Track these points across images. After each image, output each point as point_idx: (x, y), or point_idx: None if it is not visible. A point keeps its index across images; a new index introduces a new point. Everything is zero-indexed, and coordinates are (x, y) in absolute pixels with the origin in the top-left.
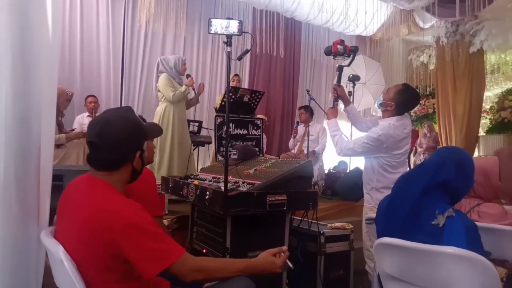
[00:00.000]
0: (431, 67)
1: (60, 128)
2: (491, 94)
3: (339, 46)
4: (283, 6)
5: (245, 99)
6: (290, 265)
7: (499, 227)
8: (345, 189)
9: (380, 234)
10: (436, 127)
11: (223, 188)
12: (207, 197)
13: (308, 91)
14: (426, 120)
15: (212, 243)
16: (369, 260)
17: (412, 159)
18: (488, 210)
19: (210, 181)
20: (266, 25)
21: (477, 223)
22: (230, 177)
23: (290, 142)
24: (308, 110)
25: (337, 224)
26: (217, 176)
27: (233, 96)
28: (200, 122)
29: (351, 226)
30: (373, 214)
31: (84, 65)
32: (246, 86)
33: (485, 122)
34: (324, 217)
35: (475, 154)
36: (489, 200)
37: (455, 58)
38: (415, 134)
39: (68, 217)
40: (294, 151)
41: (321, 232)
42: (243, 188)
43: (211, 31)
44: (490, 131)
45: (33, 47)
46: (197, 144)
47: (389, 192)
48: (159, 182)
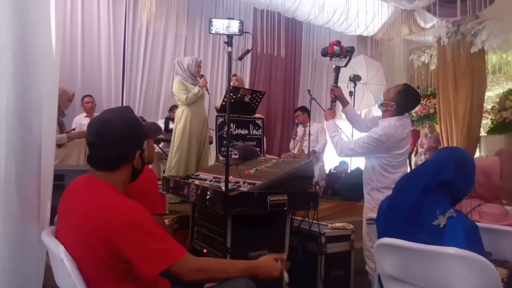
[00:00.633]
0: (432, 67)
1: (61, 128)
2: (492, 94)
3: (335, 47)
4: (284, 6)
5: (246, 99)
6: (286, 279)
7: (500, 227)
8: (346, 189)
9: (380, 235)
10: (437, 127)
11: (223, 188)
12: (208, 197)
13: (309, 91)
14: (427, 120)
15: (212, 243)
16: (369, 260)
17: (413, 159)
18: (489, 210)
19: (211, 181)
20: (267, 25)
21: (478, 224)
22: (231, 177)
23: (291, 144)
24: (304, 110)
25: (338, 224)
26: (218, 176)
27: (234, 96)
28: None
29: (352, 226)
30: (374, 214)
31: (85, 65)
32: (247, 86)
33: (486, 122)
34: (324, 217)
35: (476, 154)
36: (490, 200)
37: (456, 58)
38: (416, 134)
39: (68, 217)
40: (295, 151)
41: (322, 232)
42: (244, 188)
43: (212, 31)
44: (491, 131)
45: (34, 46)
46: None
47: (389, 192)
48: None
